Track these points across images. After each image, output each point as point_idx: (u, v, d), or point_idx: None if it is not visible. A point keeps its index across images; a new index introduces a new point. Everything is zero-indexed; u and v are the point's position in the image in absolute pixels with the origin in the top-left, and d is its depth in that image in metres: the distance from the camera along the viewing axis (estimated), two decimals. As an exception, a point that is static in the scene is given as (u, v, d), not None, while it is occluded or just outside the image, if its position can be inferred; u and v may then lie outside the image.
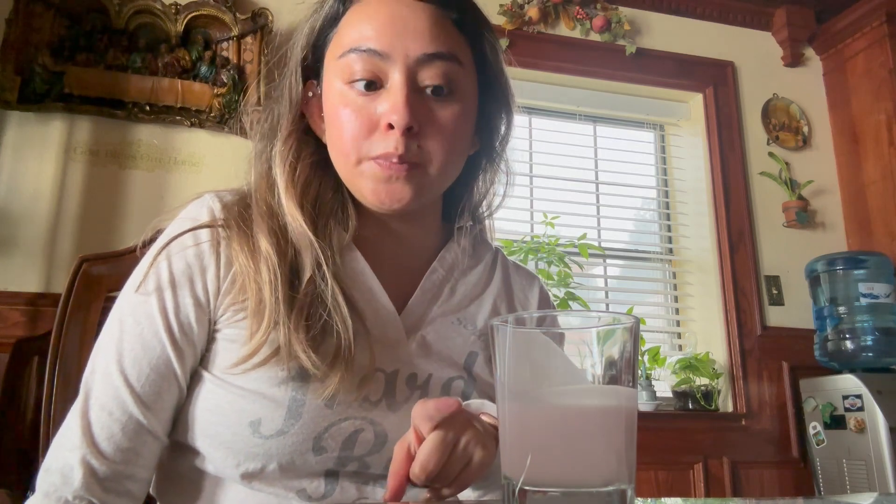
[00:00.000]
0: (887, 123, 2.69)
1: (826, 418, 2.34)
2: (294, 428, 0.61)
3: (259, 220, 0.66)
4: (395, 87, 0.63)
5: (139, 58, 2.14)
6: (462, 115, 0.67)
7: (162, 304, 0.64)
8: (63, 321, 0.86)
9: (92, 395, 0.63)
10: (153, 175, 2.09)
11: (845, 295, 2.46)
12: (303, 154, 0.69)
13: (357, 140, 0.64)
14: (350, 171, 0.66)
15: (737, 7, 2.93)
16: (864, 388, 2.24)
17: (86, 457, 0.60)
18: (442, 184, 0.69)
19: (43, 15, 2.07)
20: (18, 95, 1.99)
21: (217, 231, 0.67)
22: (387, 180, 0.64)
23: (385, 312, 0.68)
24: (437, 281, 0.73)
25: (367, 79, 0.64)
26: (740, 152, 2.78)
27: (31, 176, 2.01)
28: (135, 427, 0.62)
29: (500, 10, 2.60)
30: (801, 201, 2.75)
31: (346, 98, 0.65)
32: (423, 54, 0.64)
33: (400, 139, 0.62)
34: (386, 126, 0.62)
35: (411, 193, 0.64)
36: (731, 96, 2.85)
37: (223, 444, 0.61)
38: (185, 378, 0.64)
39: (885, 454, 2.16)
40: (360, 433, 0.63)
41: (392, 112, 0.62)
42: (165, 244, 0.67)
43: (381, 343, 0.67)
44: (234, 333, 0.64)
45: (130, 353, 0.63)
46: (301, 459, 0.61)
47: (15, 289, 1.92)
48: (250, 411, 0.61)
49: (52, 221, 1.99)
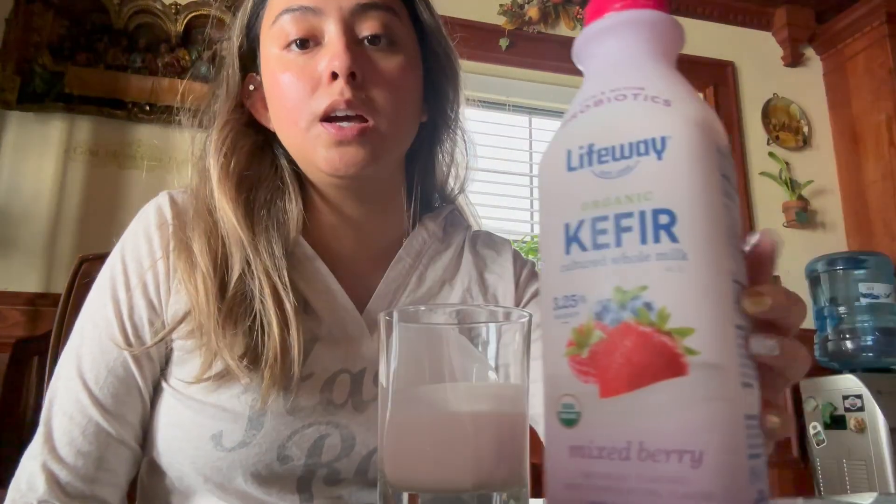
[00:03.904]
0: (887, 123, 2.69)
1: (826, 418, 2.34)
2: (256, 438, 0.59)
3: (196, 220, 0.64)
4: (333, 38, 0.61)
5: (139, 58, 2.14)
6: (407, 66, 0.64)
7: (117, 307, 0.63)
8: (63, 321, 0.86)
9: (55, 402, 0.62)
10: (153, 175, 2.09)
11: (845, 295, 2.46)
12: (239, 144, 0.65)
13: (302, 100, 0.61)
14: (300, 140, 0.62)
15: (737, 7, 2.93)
16: (864, 389, 2.24)
17: (46, 463, 0.60)
18: (396, 145, 0.65)
19: (43, 15, 2.07)
20: (18, 95, 1.99)
21: (168, 233, 0.65)
22: (338, 144, 0.60)
23: (343, 310, 0.65)
24: (402, 270, 0.70)
25: (302, 37, 0.62)
26: (740, 152, 2.78)
27: (30, 176, 2.01)
28: (95, 430, 0.61)
29: (500, 10, 2.59)
30: (802, 201, 2.75)
31: (284, 62, 0.62)
32: (357, 5, 0.62)
33: (345, 86, 0.59)
34: (329, 77, 0.60)
35: (365, 155, 0.60)
36: (732, 96, 2.84)
37: (187, 459, 0.61)
38: (145, 382, 0.63)
39: (885, 454, 2.16)
40: (325, 438, 0.62)
41: (333, 59, 0.59)
42: (121, 247, 0.66)
43: (343, 343, 0.65)
44: (188, 344, 0.62)
45: (89, 356, 0.62)
46: (267, 470, 0.60)
47: (15, 289, 1.92)
48: (210, 425, 0.60)
49: (52, 221, 1.99)
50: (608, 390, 0.30)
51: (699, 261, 0.30)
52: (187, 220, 0.65)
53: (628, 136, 0.32)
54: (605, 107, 0.34)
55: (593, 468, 0.30)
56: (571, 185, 0.33)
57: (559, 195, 0.34)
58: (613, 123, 0.33)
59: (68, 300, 0.87)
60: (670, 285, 0.30)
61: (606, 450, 0.30)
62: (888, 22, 2.71)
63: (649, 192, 0.31)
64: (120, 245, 0.67)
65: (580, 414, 0.31)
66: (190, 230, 0.64)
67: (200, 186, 0.66)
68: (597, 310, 0.31)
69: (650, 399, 0.29)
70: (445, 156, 0.76)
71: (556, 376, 0.32)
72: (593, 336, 0.31)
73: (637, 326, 0.30)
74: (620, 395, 0.30)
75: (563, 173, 0.34)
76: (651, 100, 0.33)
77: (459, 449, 0.37)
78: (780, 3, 2.93)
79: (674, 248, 0.30)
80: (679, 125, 0.31)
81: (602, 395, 0.31)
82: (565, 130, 0.35)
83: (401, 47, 0.64)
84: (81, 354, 0.63)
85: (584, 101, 0.35)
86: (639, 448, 0.29)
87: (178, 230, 0.64)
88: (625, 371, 0.30)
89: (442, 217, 0.74)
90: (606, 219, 0.32)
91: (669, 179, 0.31)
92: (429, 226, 0.72)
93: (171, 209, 0.66)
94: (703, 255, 0.30)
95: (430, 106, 0.72)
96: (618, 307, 0.31)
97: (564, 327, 0.32)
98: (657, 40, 0.36)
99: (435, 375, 0.40)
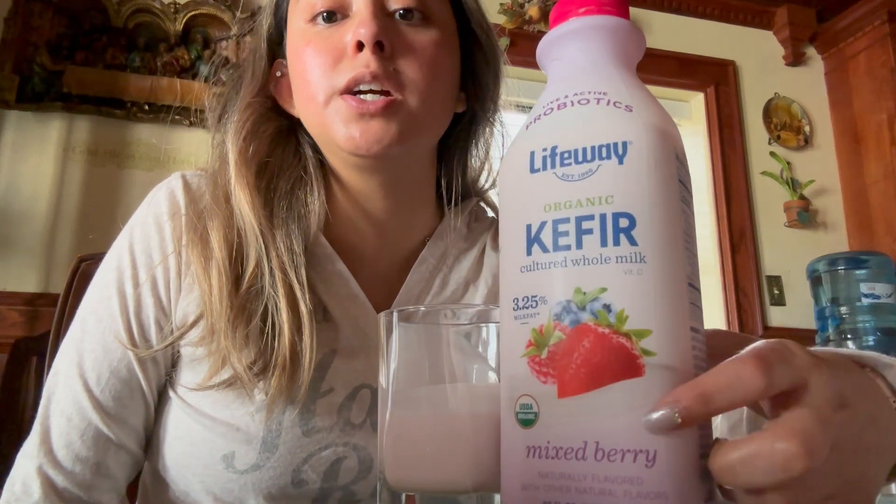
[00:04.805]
0: (889, 123, 2.69)
1: (827, 419, 2.34)
2: (270, 462, 0.56)
3: (213, 208, 0.59)
4: (361, 7, 0.57)
5: (138, 57, 2.14)
6: (441, 43, 0.59)
7: (123, 302, 0.59)
8: (62, 321, 0.86)
9: (53, 400, 0.59)
10: (152, 174, 2.08)
11: (847, 295, 2.45)
12: (261, 128, 0.61)
13: (324, 73, 0.56)
14: (319, 116, 0.57)
15: (738, 6, 2.92)
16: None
17: (42, 466, 0.56)
18: (427, 127, 0.60)
19: (42, 14, 2.06)
20: (17, 95, 1.99)
21: (181, 223, 0.60)
22: (359, 118, 0.55)
23: (364, 318, 0.61)
24: (425, 273, 0.65)
25: (329, 9, 0.58)
26: (741, 152, 2.77)
27: (29, 175, 2.01)
28: (94, 435, 0.57)
29: (500, 10, 2.59)
30: (803, 201, 2.74)
31: (308, 35, 0.58)
32: None
33: (371, 57, 0.54)
34: (354, 47, 0.55)
35: (391, 131, 0.55)
36: (733, 95, 2.84)
37: (196, 476, 0.57)
38: (149, 385, 0.59)
39: None
40: (342, 461, 0.58)
41: (359, 27, 0.55)
42: (130, 235, 0.62)
43: (363, 354, 0.60)
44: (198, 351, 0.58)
45: (91, 354, 0.58)
46: (281, 493, 0.57)
47: (13, 289, 1.91)
48: (222, 445, 0.56)
49: (50, 221, 1.99)
50: (566, 390, 0.31)
51: (657, 264, 0.31)
52: (203, 208, 0.60)
53: (591, 139, 0.33)
54: (568, 110, 0.34)
55: (550, 468, 0.31)
56: (534, 187, 0.34)
57: (521, 196, 0.34)
58: (576, 127, 0.34)
59: (67, 300, 0.87)
60: (629, 288, 0.30)
61: (563, 450, 0.31)
62: (889, 21, 2.70)
63: (610, 195, 0.32)
64: (128, 232, 0.62)
65: (538, 414, 0.32)
66: (206, 218, 0.59)
67: (219, 171, 0.61)
68: (556, 311, 0.32)
69: (607, 399, 0.30)
70: (480, 151, 0.71)
71: (515, 377, 0.33)
72: (553, 337, 0.32)
73: (596, 328, 0.31)
74: (578, 396, 0.31)
75: (526, 175, 0.34)
76: (613, 105, 0.33)
77: (459, 450, 0.37)
78: (781, 2, 2.92)
79: (633, 251, 0.31)
80: (640, 131, 0.32)
81: (560, 395, 0.31)
82: (528, 132, 0.35)
83: (435, 23, 0.59)
84: (83, 351, 0.59)
85: (548, 103, 0.35)
86: (595, 448, 0.30)
87: (193, 220, 0.60)
88: (583, 371, 0.30)
89: (466, 213, 0.70)
90: (568, 221, 0.32)
91: (630, 184, 0.32)
92: (453, 223, 0.67)
93: (185, 195, 0.62)
94: (660, 259, 0.31)
95: (469, 95, 0.67)
96: (577, 308, 0.31)
97: (524, 328, 0.33)
98: (620, 47, 0.36)
99: (434, 376, 0.40)
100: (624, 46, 0.36)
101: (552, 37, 0.37)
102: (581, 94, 0.34)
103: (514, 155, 0.35)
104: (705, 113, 2.81)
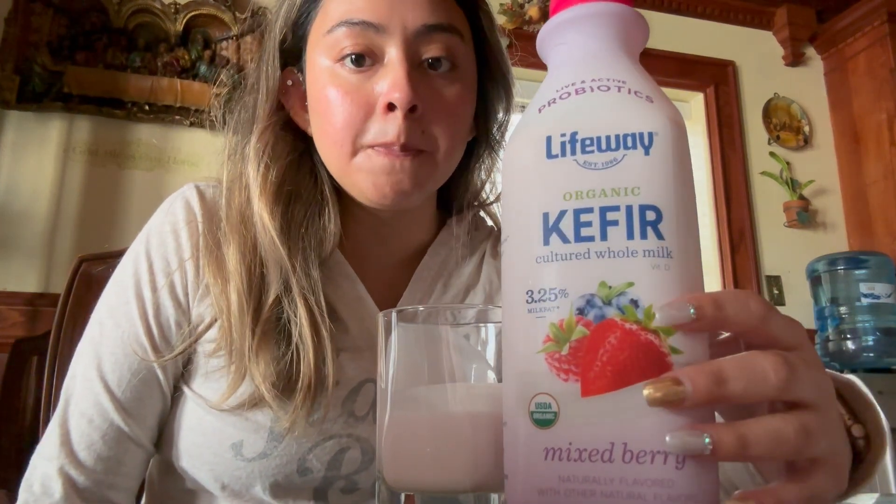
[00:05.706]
0: (888, 123, 2.69)
1: (827, 418, 2.34)
2: (277, 450, 0.58)
3: (230, 231, 0.60)
4: (394, 62, 0.56)
5: (138, 57, 2.14)
6: (466, 94, 0.61)
7: (142, 306, 0.61)
8: (62, 321, 0.86)
9: (72, 402, 0.60)
10: (152, 175, 2.08)
11: (846, 295, 2.45)
12: (280, 152, 0.61)
13: (351, 125, 0.56)
14: (344, 164, 0.58)
15: (738, 6, 2.93)
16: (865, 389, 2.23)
17: (64, 467, 0.58)
18: (445, 174, 0.62)
19: (42, 14, 2.06)
20: (17, 95, 1.99)
21: (197, 231, 0.62)
22: (389, 171, 0.56)
23: (371, 319, 0.63)
24: (428, 278, 0.68)
25: (359, 52, 0.57)
26: (741, 152, 2.77)
27: (29, 176, 2.00)
28: (116, 435, 0.59)
29: (500, 10, 2.59)
30: (802, 201, 2.74)
31: (336, 77, 0.57)
32: (423, 25, 0.57)
33: (402, 123, 0.55)
34: (385, 107, 0.55)
35: (416, 186, 0.57)
36: (732, 96, 2.84)
37: (205, 465, 0.59)
38: (168, 384, 0.61)
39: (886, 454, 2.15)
40: (346, 452, 0.60)
41: (393, 89, 0.55)
42: (146, 241, 0.63)
43: (368, 352, 0.62)
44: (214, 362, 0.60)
45: (111, 357, 0.60)
46: (286, 481, 0.59)
47: (14, 289, 1.91)
48: (232, 433, 0.58)
49: (51, 221, 1.99)
50: (591, 389, 0.29)
51: (682, 259, 0.30)
52: (218, 222, 0.61)
53: (615, 128, 0.31)
54: (587, 96, 0.33)
55: (572, 471, 0.29)
56: (551, 173, 0.32)
57: (536, 183, 0.32)
58: (599, 114, 0.32)
59: (67, 300, 0.87)
60: (657, 283, 0.29)
61: (588, 451, 0.29)
62: (889, 21, 2.70)
63: (637, 186, 0.30)
64: (144, 239, 0.63)
65: (557, 414, 0.30)
66: (222, 236, 0.60)
67: (234, 192, 0.62)
68: (579, 304, 0.30)
69: (635, 398, 0.28)
70: (484, 172, 0.72)
71: (529, 374, 0.31)
72: (575, 332, 0.30)
73: (623, 323, 0.29)
74: (604, 395, 0.29)
75: (542, 160, 0.32)
76: (634, 94, 0.32)
77: (458, 450, 0.37)
78: (780, 3, 2.93)
79: (660, 245, 0.30)
80: (665, 122, 0.31)
81: (584, 393, 0.29)
82: (542, 116, 0.34)
83: (461, 71, 0.60)
84: (101, 354, 0.60)
85: (563, 87, 0.34)
86: (623, 449, 0.28)
87: (209, 230, 0.61)
88: (609, 369, 0.29)
89: (466, 221, 0.71)
90: (591, 210, 0.31)
91: (656, 176, 0.31)
92: (454, 231, 0.70)
93: (201, 205, 0.63)
94: (685, 254, 0.30)
95: (479, 124, 0.68)
96: (602, 302, 0.30)
97: (540, 322, 0.31)
98: (630, 36, 0.35)
99: (434, 376, 0.39)
100: (633, 35, 0.35)
101: (560, 20, 0.36)
102: (600, 81, 0.33)
103: (526, 139, 0.33)
104: (705, 113, 2.81)
